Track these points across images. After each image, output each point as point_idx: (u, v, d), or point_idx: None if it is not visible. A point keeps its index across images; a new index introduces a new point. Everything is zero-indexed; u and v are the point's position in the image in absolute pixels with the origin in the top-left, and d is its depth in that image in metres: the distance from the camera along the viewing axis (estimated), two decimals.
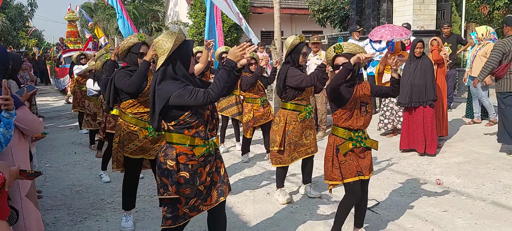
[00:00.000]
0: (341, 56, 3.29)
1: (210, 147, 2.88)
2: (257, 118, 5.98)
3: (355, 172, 3.36)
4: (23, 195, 2.82)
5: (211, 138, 2.90)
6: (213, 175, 2.97)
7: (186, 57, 2.77)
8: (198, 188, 2.87)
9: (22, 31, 28.09)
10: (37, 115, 11.59)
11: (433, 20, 10.19)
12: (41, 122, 3.05)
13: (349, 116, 3.31)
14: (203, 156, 2.85)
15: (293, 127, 4.38)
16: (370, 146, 3.43)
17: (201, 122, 2.80)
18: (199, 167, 2.85)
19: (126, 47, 3.85)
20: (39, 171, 2.47)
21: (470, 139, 6.84)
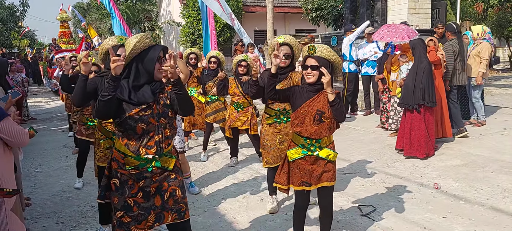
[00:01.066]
0: (311, 58, 3.12)
1: (147, 164, 2.64)
2: (232, 120, 5.87)
3: (299, 181, 3.23)
4: (8, 209, 2.70)
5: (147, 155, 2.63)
6: (154, 197, 2.71)
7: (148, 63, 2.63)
8: (127, 201, 2.64)
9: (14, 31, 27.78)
10: (29, 117, 11.45)
11: (428, 19, 10.13)
12: (27, 133, 2.94)
13: (300, 122, 3.16)
14: (137, 169, 2.64)
15: (265, 130, 4.29)
16: (325, 157, 3.21)
17: (131, 135, 2.61)
18: (129, 178, 2.65)
19: (105, 50, 3.60)
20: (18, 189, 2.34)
21: (467, 140, 6.77)
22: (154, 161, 2.66)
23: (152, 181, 2.68)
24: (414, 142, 5.96)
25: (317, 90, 3.14)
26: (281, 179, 3.34)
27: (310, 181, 3.23)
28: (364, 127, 8.31)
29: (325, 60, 3.12)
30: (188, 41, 18.04)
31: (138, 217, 2.67)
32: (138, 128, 2.59)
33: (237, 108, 5.82)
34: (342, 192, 4.91)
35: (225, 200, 4.85)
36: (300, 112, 3.14)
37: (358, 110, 9.76)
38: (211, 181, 5.52)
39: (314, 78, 3.10)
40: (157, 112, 2.65)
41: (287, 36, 4.10)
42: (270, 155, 4.27)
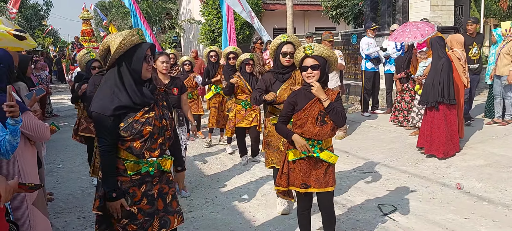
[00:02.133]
0: (309, 58, 3.08)
1: (149, 167, 2.57)
2: (238, 119, 5.90)
3: (299, 183, 3.18)
4: (30, 203, 2.75)
5: (151, 158, 2.57)
6: (157, 200, 2.63)
7: (136, 62, 2.50)
8: (130, 209, 2.53)
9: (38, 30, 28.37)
10: (52, 114, 11.68)
11: (451, 16, 9.90)
12: (47, 127, 2.97)
13: (302, 123, 3.10)
14: (138, 174, 2.56)
15: (270, 130, 4.22)
16: (326, 159, 3.14)
17: (137, 138, 2.50)
18: (131, 186, 2.55)
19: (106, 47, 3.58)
20: (40, 183, 2.38)
21: (491, 140, 6.61)
22: (155, 164, 2.59)
23: (153, 184, 2.62)
24: (434, 140, 5.86)
25: None
26: (282, 181, 3.28)
27: (309, 183, 3.17)
28: (385, 126, 8.20)
29: (323, 59, 3.09)
30: (207, 39, 18.10)
31: (143, 224, 2.58)
32: (144, 131, 2.50)
33: (244, 107, 5.84)
34: (362, 191, 4.86)
35: (244, 197, 4.85)
36: (303, 114, 3.10)
37: (379, 109, 9.64)
38: (230, 178, 5.53)
39: (315, 78, 3.08)
40: (159, 114, 2.59)
41: (290, 35, 4.11)
42: (274, 155, 4.21)
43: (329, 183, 3.18)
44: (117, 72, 2.51)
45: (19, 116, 2.39)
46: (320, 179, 3.15)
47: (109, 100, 2.44)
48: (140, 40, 2.54)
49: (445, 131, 5.81)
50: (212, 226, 4.11)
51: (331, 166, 3.20)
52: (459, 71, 6.25)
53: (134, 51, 2.51)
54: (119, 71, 2.50)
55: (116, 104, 2.43)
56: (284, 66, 4.06)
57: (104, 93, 2.48)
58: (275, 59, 4.12)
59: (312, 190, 3.19)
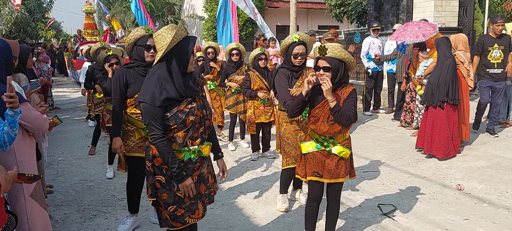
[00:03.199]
0: (322, 59, 3.07)
1: (191, 155, 2.68)
2: (257, 115, 5.89)
3: (311, 171, 3.26)
4: (27, 195, 2.74)
5: (192, 146, 2.68)
6: (199, 184, 2.77)
7: (184, 56, 2.61)
8: (177, 194, 2.68)
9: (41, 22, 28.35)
10: (53, 106, 11.68)
11: (455, 17, 9.87)
12: (46, 119, 2.96)
13: (315, 120, 3.18)
14: (181, 161, 2.65)
15: (285, 128, 4.17)
16: (338, 154, 3.20)
17: (181, 128, 2.62)
18: None
19: (133, 40, 3.64)
20: (39, 174, 2.37)
21: (492, 141, 6.58)
22: (197, 151, 2.72)
23: (194, 170, 2.74)
24: (435, 140, 5.84)
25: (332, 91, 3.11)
26: (300, 170, 3.41)
27: (321, 173, 3.24)
28: (386, 125, 8.18)
29: (337, 61, 3.08)
30: (210, 35, 18.09)
31: (191, 207, 2.73)
32: (188, 120, 2.62)
33: (263, 103, 5.81)
34: (362, 191, 4.84)
35: (244, 194, 4.84)
36: (315, 112, 3.18)
37: (381, 108, 9.61)
38: (231, 175, 5.52)
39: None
40: (201, 104, 2.72)
41: (301, 34, 4.07)
42: (291, 155, 4.14)
43: (340, 174, 3.26)
44: (165, 66, 2.61)
45: (18, 107, 2.38)
46: (333, 170, 3.23)
47: (158, 92, 2.55)
48: (187, 33, 2.67)
49: (447, 131, 5.79)
50: (211, 222, 4.11)
51: (344, 160, 3.26)
52: (464, 73, 6.22)
53: (181, 45, 2.62)
54: (168, 64, 2.62)
55: (165, 96, 2.55)
56: (295, 65, 4.03)
57: (153, 85, 2.59)
58: (286, 57, 4.09)
59: (324, 180, 3.26)
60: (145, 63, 3.66)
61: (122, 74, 3.65)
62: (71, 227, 4.08)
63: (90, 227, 4.09)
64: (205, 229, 3.95)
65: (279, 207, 4.37)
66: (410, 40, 6.71)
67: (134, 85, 3.63)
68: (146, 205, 4.47)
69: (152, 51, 3.62)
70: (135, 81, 3.62)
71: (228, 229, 3.98)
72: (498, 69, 6.71)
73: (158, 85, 2.57)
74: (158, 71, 2.62)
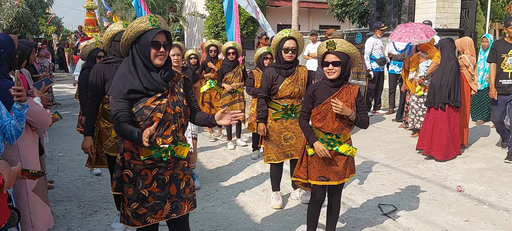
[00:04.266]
0: (331, 54, 3.08)
1: (162, 153, 2.59)
2: None
3: (317, 175, 3.23)
4: (30, 190, 2.75)
5: (164, 144, 2.58)
6: (169, 186, 2.66)
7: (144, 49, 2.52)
8: (141, 192, 2.59)
9: (41, 18, 28.30)
10: (53, 102, 11.67)
11: (457, 18, 9.88)
12: (49, 113, 2.96)
13: (322, 117, 3.15)
14: (151, 159, 2.58)
15: (270, 126, 4.21)
16: (344, 153, 3.20)
17: (148, 124, 2.51)
18: (143, 168, 2.60)
19: (110, 35, 3.55)
20: (43, 171, 2.37)
21: (493, 143, 6.59)
22: (169, 150, 2.61)
23: (166, 169, 2.64)
24: (435, 141, 5.85)
25: (338, 86, 3.14)
26: (301, 173, 3.36)
27: (328, 176, 3.22)
28: (387, 126, 8.19)
29: (345, 55, 3.10)
30: (211, 33, 18.08)
31: (154, 207, 2.63)
32: (154, 117, 2.53)
33: None
34: (362, 191, 4.85)
35: (244, 192, 4.85)
36: (322, 108, 3.13)
37: (381, 109, 9.62)
38: (231, 173, 5.53)
39: (336, 74, 3.09)
40: (173, 101, 2.60)
41: (292, 30, 4.10)
42: (273, 151, 4.21)
43: (346, 175, 3.27)
44: (130, 58, 2.59)
45: (25, 100, 2.39)
46: (340, 172, 3.23)
47: (122, 85, 2.53)
48: (150, 27, 2.55)
49: (447, 133, 5.79)
50: (212, 220, 4.11)
51: (350, 158, 3.27)
52: (467, 77, 6.22)
53: (142, 37, 2.55)
54: (132, 57, 2.58)
55: (128, 88, 2.51)
56: (286, 61, 4.05)
57: (119, 78, 2.57)
58: (277, 54, 4.11)
59: (331, 183, 3.24)
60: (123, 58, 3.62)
61: (100, 70, 3.56)
62: (72, 223, 4.09)
63: (91, 223, 4.09)
64: (206, 227, 3.96)
65: (273, 204, 4.39)
66: (416, 41, 6.70)
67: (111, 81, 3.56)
68: None
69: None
70: (112, 77, 3.55)
71: (229, 227, 3.98)
72: (510, 79, 5.72)
73: (123, 78, 2.55)
74: (124, 65, 2.61)
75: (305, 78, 4.20)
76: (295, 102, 4.18)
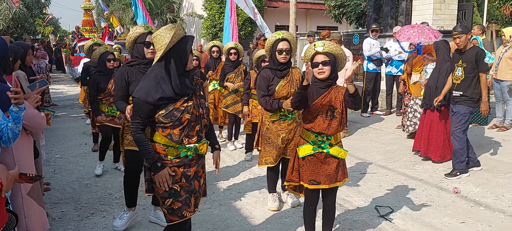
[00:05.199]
0: (320, 54, 3.14)
1: (188, 152, 2.75)
2: (254, 114, 5.88)
3: (308, 179, 3.23)
4: (25, 193, 2.74)
5: (189, 144, 2.73)
6: (193, 181, 2.82)
7: (183, 55, 2.66)
8: (173, 187, 2.72)
9: (38, 18, 28.26)
10: (50, 103, 11.65)
11: (453, 20, 9.90)
12: (43, 116, 2.96)
13: (312, 118, 3.18)
14: (177, 158, 2.73)
15: (267, 127, 4.22)
16: (336, 155, 3.21)
17: (176, 125, 2.67)
18: (171, 166, 2.72)
19: (133, 38, 3.70)
20: (40, 175, 2.37)
21: (489, 145, 6.61)
22: (193, 148, 2.77)
23: (190, 166, 2.79)
24: (432, 143, 5.87)
25: (327, 86, 3.17)
26: (294, 177, 3.37)
27: (319, 179, 3.22)
28: (384, 127, 8.20)
29: (333, 55, 3.16)
30: (209, 33, 18.08)
31: (186, 201, 2.77)
32: (183, 118, 2.67)
33: None
34: (359, 192, 4.85)
35: (241, 194, 4.84)
36: (313, 108, 3.16)
37: (378, 110, 9.64)
38: (228, 175, 5.52)
39: (326, 74, 3.14)
40: (197, 103, 2.75)
41: (285, 32, 4.13)
42: (270, 154, 4.21)
43: (338, 178, 3.27)
44: (164, 65, 2.66)
45: (23, 103, 2.38)
46: (331, 175, 3.23)
47: (154, 90, 2.61)
48: (184, 34, 2.70)
49: (444, 134, 5.81)
50: (209, 222, 4.11)
51: (342, 161, 3.28)
52: None
53: (181, 44, 2.66)
54: (167, 64, 2.66)
55: (160, 95, 2.61)
56: (280, 63, 4.08)
57: (150, 82, 2.65)
58: (271, 56, 4.14)
59: (322, 187, 3.24)
60: (146, 60, 3.70)
61: (124, 73, 3.72)
62: (68, 225, 4.08)
63: (88, 225, 4.08)
64: (202, 229, 3.95)
65: (270, 206, 4.39)
66: (425, 41, 6.71)
67: (135, 83, 3.65)
68: (144, 204, 4.47)
69: (151, 48, 3.66)
70: (136, 79, 3.65)
71: (226, 229, 3.98)
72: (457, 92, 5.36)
73: (154, 83, 2.63)
74: (156, 70, 2.68)
75: (299, 79, 4.22)
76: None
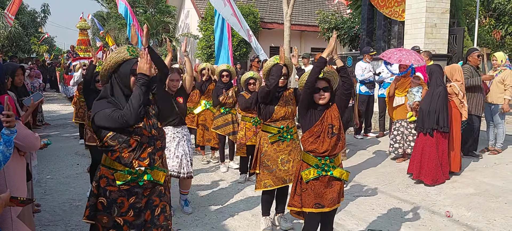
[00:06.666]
0: (322, 80, 3.23)
1: (138, 177, 2.62)
2: (248, 137, 5.90)
3: (312, 203, 3.24)
4: (14, 216, 2.71)
5: (140, 167, 2.61)
6: (144, 212, 2.67)
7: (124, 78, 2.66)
8: (116, 220, 2.59)
9: (34, 37, 28.31)
10: (43, 122, 11.58)
11: (445, 44, 10.05)
12: (37, 137, 2.95)
13: (314, 139, 3.23)
14: (127, 184, 2.60)
15: (266, 150, 4.20)
16: (338, 176, 3.26)
17: (125, 147, 2.58)
18: (119, 196, 2.60)
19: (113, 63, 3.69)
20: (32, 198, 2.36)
21: (481, 168, 6.65)
22: (145, 174, 2.63)
23: (143, 196, 2.66)
24: (424, 166, 5.90)
25: (324, 108, 3.26)
26: (296, 201, 3.38)
27: (323, 203, 3.24)
28: (377, 149, 8.23)
29: (333, 80, 3.30)
30: (204, 54, 18.20)
31: None
32: (131, 140, 2.58)
33: (255, 124, 5.85)
34: (352, 215, 4.84)
35: (233, 217, 4.82)
36: (315, 130, 3.22)
37: (371, 132, 9.68)
38: (220, 197, 5.50)
39: (327, 99, 3.23)
40: (149, 124, 2.66)
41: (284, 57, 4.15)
42: (270, 176, 4.17)
43: (338, 200, 3.33)
44: (109, 86, 2.68)
45: (14, 126, 2.38)
46: (334, 198, 3.26)
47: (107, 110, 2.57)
48: (129, 57, 2.67)
49: (436, 158, 5.84)
50: None
51: (342, 182, 3.32)
52: (457, 104, 6.30)
53: (122, 67, 2.66)
54: (111, 85, 2.68)
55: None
56: (279, 86, 4.13)
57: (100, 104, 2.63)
58: (269, 78, 4.16)
59: (326, 210, 3.26)
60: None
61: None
62: None
63: None
64: None
65: (262, 229, 4.37)
66: (416, 63, 6.84)
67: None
68: None
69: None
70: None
71: None
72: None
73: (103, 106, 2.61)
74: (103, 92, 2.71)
75: (293, 97, 4.27)
76: (289, 123, 4.23)
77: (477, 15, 12.27)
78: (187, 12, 22.63)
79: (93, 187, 2.64)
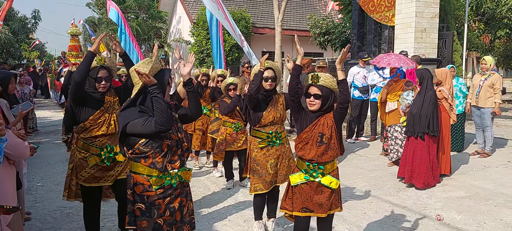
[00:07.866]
0: (314, 86, 3.20)
1: (172, 180, 2.78)
2: (228, 142, 5.92)
3: (300, 206, 3.25)
4: (4, 225, 2.69)
5: (173, 170, 2.79)
6: (175, 212, 2.83)
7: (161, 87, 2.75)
8: (157, 221, 2.75)
9: (24, 43, 28.12)
10: (34, 129, 11.49)
11: (434, 48, 10.14)
12: (27, 146, 2.94)
13: (303, 145, 3.24)
14: (162, 188, 2.75)
15: (256, 154, 4.25)
16: (327, 184, 3.22)
17: (158, 153, 2.73)
18: (157, 199, 2.75)
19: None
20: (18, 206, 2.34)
21: (471, 172, 6.71)
22: (177, 176, 2.80)
23: (175, 196, 2.82)
24: (415, 170, 5.94)
25: (317, 116, 3.24)
26: (287, 204, 3.39)
27: (311, 208, 3.23)
28: (368, 153, 8.27)
29: (328, 90, 3.20)
30: (196, 59, 18.20)
31: None
32: (163, 145, 2.72)
33: (236, 130, 5.87)
34: (344, 220, 4.86)
35: (225, 223, 4.81)
36: (303, 136, 3.22)
37: (363, 136, 9.73)
38: (213, 203, 5.49)
39: (316, 107, 3.21)
40: (175, 128, 2.81)
41: (270, 62, 4.26)
42: (260, 181, 4.22)
43: (332, 207, 3.29)
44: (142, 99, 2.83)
45: (4, 135, 2.37)
46: (324, 204, 3.23)
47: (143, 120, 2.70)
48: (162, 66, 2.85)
49: (427, 162, 5.89)
50: None
51: (335, 190, 3.28)
52: (446, 107, 6.37)
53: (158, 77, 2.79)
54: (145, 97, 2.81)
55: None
56: (266, 90, 4.20)
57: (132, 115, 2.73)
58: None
59: (315, 215, 3.25)
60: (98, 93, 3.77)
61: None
62: None
63: None
64: None
65: None
66: (405, 66, 6.93)
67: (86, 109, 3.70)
68: None
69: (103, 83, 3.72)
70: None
71: None
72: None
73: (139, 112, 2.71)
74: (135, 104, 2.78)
75: (283, 102, 4.30)
76: (278, 128, 4.27)
77: (466, 20, 12.39)
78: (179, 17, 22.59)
79: (129, 194, 2.77)
